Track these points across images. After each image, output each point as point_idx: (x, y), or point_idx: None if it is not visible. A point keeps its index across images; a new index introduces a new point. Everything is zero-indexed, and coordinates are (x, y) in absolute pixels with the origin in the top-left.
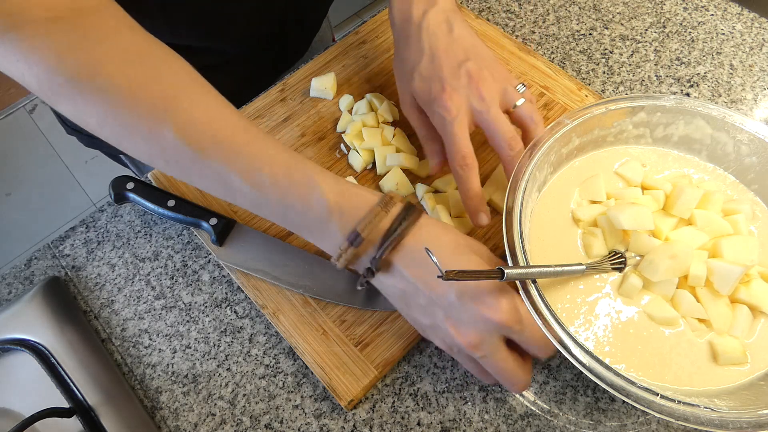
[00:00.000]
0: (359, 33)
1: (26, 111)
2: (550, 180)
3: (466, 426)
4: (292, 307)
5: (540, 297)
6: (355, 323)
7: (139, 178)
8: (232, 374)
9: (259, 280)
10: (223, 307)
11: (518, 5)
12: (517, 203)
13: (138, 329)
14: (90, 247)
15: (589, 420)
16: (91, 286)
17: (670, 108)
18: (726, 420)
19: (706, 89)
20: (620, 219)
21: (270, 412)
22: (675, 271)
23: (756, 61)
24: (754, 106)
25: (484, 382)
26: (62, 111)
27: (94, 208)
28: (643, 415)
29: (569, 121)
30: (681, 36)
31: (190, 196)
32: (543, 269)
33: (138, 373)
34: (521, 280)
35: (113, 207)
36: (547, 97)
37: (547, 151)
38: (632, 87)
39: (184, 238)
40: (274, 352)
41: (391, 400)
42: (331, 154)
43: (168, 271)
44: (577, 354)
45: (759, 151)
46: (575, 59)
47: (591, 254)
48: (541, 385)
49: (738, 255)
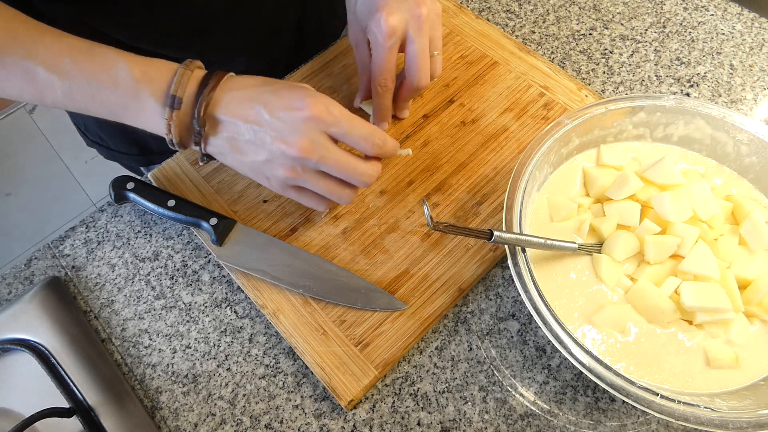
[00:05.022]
0: None
1: (26, 111)
2: (549, 179)
3: (466, 426)
4: (292, 307)
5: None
6: (355, 323)
7: (139, 178)
8: (232, 374)
9: (259, 280)
10: (223, 307)
11: (518, 5)
12: (517, 203)
13: (138, 329)
14: (90, 247)
15: (589, 420)
16: (91, 286)
17: (670, 108)
18: (726, 420)
19: (706, 89)
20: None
21: (270, 412)
22: (668, 250)
23: (756, 61)
24: (754, 106)
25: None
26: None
27: (94, 208)
28: (643, 415)
29: (569, 121)
30: (681, 36)
31: (191, 196)
32: (533, 238)
33: (138, 373)
34: (510, 244)
35: (113, 207)
36: (547, 97)
37: (547, 151)
38: (632, 87)
39: (184, 238)
40: (274, 352)
41: (391, 400)
42: None
43: (168, 271)
44: (577, 354)
45: (759, 151)
46: (575, 59)
47: (594, 238)
48: (541, 385)
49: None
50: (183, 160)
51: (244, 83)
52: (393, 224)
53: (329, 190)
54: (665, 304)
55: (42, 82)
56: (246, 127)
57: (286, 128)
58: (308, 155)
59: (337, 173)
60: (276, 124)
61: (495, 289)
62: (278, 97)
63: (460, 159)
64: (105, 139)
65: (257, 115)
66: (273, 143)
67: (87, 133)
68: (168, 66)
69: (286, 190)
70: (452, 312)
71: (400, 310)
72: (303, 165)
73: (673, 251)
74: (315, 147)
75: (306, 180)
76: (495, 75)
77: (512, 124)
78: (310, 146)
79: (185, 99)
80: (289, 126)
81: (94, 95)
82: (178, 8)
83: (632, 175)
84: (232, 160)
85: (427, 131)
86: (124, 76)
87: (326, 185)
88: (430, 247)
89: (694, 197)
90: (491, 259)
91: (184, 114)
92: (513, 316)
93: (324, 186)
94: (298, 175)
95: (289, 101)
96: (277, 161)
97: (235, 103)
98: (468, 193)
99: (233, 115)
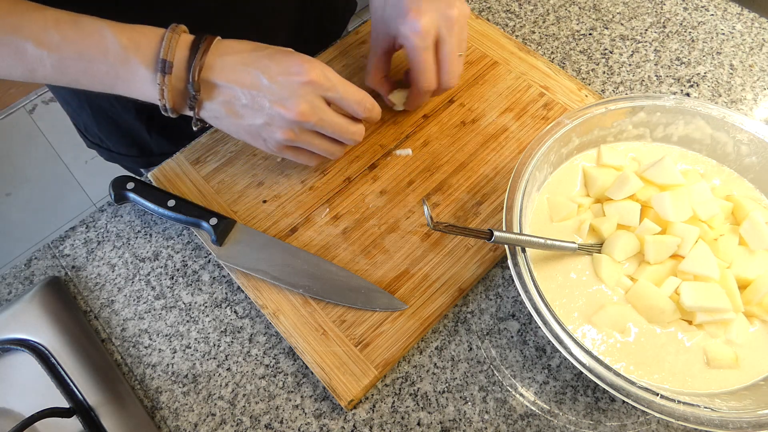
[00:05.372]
0: (359, 33)
1: (26, 111)
2: (549, 179)
3: (466, 426)
4: (292, 307)
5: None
6: (355, 323)
7: (139, 179)
8: (232, 374)
9: (259, 280)
10: (223, 307)
11: (518, 5)
12: (517, 203)
13: (138, 329)
14: (90, 247)
15: (589, 420)
16: (91, 286)
17: (670, 108)
18: (726, 420)
19: (706, 89)
20: (666, 209)
21: (270, 412)
22: (668, 250)
23: (756, 61)
24: (754, 106)
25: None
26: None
27: (94, 208)
28: (643, 415)
29: (569, 121)
30: (681, 36)
31: (191, 196)
32: (533, 238)
33: (138, 373)
34: (510, 244)
35: (113, 207)
36: (547, 97)
37: (547, 151)
38: (632, 87)
39: (184, 238)
40: (274, 352)
41: (391, 400)
42: None
43: (168, 271)
44: (577, 354)
45: (759, 151)
46: (575, 59)
47: (594, 238)
48: (541, 385)
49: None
50: (183, 160)
51: (235, 48)
52: (393, 224)
53: (323, 148)
54: (665, 304)
55: (31, 58)
56: (243, 91)
57: (284, 93)
58: (307, 118)
59: (331, 134)
60: (274, 88)
61: (495, 289)
62: (275, 62)
63: (460, 159)
64: (105, 140)
65: (255, 79)
66: (272, 107)
67: (87, 135)
68: (154, 31)
69: (282, 150)
70: (452, 312)
71: (400, 310)
72: (301, 127)
73: (673, 251)
74: (313, 110)
75: (302, 141)
76: (495, 75)
77: (512, 124)
78: (309, 110)
79: (176, 63)
80: (288, 90)
81: (86, 68)
82: (177, 8)
83: (632, 175)
84: (228, 123)
85: (427, 131)
86: (111, 45)
87: (321, 144)
88: (430, 247)
89: (693, 197)
90: (491, 259)
91: (176, 79)
92: (513, 316)
93: (318, 144)
94: (296, 137)
95: (287, 66)
96: (275, 124)
97: (229, 67)
98: (468, 193)
99: (229, 79)
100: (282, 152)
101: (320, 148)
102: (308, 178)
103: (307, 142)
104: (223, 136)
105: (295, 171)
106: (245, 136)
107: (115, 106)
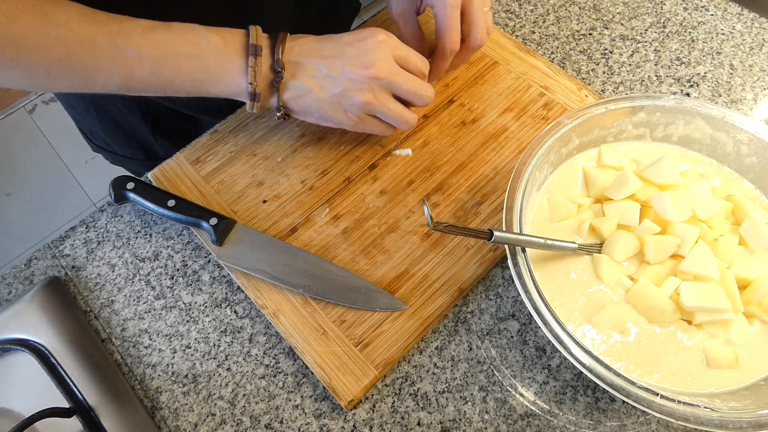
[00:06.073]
0: None
1: (26, 111)
2: (549, 179)
3: (466, 426)
4: (292, 307)
5: (532, 280)
6: (355, 323)
7: (139, 179)
8: (232, 374)
9: (259, 280)
10: (223, 307)
11: (518, 5)
12: (517, 203)
13: (138, 329)
14: (90, 247)
15: (589, 420)
16: (91, 286)
17: (670, 108)
18: (726, 420)
19: (706, 89)
20: (666, 209)
21: (270, 412)
22: (668, 250)
23: (756, 61)
24: (754, 106)
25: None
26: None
27: (94, 208)
28: (643, 415)
29: (569, 121)
30: (681, 36)
31: (191, 196)
32: (533, 238)
33: (138, 373)
34: (510, 244)
35: (113, 207)
36: (547, 97)
37: (547, 151)
38: (632, 87)
39: (184, 238)
40: (274, 352)
41: (391, 400)
42: (329, 154)
43: (168, 271)
44: (577, 354)
45: (759, 151)
46: (575, 59)
47: (594, 238)
48: (541, 385)
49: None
50: (183, 160)
51: (304, 38)
52: (393, 224)
53: (398, 113)
54: (665, 304)
55: (131, 61)
56: (323, 62)
57: (360, 53)
58: (382, 74)
59: (405, 92)
60: (351, 51)
61: (495, 289)
62: (344, 35)
63: (460, 159)
64: (110, 143)
65: (330, 50)
66: (350, 71)
67: (92, 138)
68: (235, 29)
69: (363, 119)
70: (452, 312)
71: (400, 310)
72: (379, 85)
73: (673, 251)
74: (387, 66)
75: (379, 103)
76: (495, 75)
77: (512, 124)
78: (384, 65)
79: (263, 49)
80: (362, 51)
81: (180, 66)
82: (177, 8)
83: (632, 175)
84: (310, 100)
85: (427, 131)
86: (204, 42)
87: (395, 108)
88: (430, 247)
89: (693, 197)
90: (491, 259)
91: (263, 64)
92: (513, 316)
93: (394, 108)
94: (374, 98)
95: (355, 34)
96: (355, 87)
97: (307, 46)
98: (468, 193)
99: (309, 55)
100: (363, 123)
101: (396, 113)
102: (308, 178)
103: (384, 106)
104: (223, 136)
105: (295, 171)
106: (328, 110)
107: (120, 108)
